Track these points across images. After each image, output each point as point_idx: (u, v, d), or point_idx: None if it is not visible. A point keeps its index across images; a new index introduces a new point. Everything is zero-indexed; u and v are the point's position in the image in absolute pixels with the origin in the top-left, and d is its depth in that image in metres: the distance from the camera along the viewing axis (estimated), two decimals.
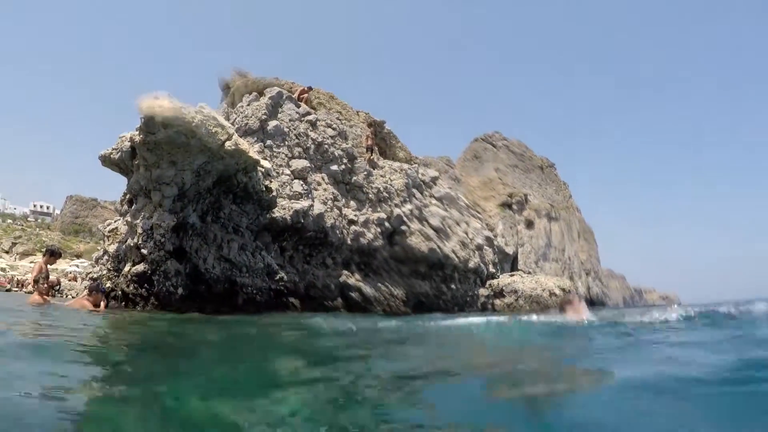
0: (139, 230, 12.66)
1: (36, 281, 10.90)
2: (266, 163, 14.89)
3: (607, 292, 58.82)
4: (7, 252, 64.24)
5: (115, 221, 14.75)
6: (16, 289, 41.91)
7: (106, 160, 13.65)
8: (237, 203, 14.24)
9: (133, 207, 13.46)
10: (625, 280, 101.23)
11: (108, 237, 14.45)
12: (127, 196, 14.14)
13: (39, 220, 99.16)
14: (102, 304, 11.13)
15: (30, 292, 11.92)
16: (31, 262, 54.58)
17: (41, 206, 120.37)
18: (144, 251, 12.54)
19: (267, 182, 14.77)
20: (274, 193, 14.97)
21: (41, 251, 59.36)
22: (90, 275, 14.36)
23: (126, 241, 13.23)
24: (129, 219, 13.36)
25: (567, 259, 42.68)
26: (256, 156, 13.79)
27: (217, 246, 13.77)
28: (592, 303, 48.19)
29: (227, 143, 12.32)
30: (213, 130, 12.03)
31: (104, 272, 13.25)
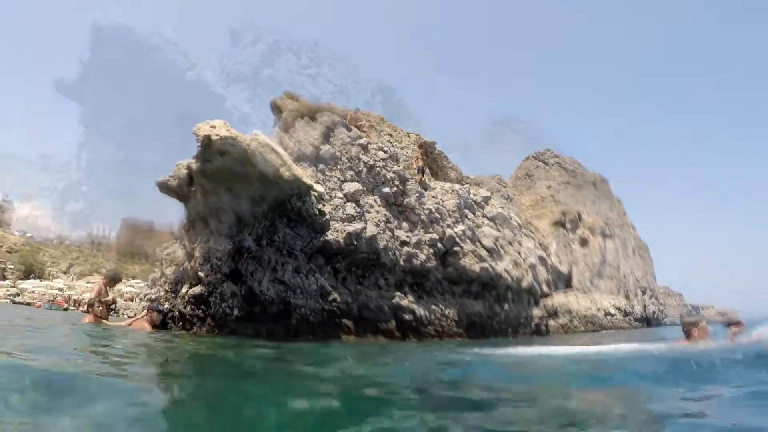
0: (197, 254, 12.90)
1: (91, 305, 11.20)
2: (319, 188, 14.99)
3: (663, 310, 57.19)
4: (65, 272, 66.39)
5: (172, 245, 15.07)
6: (73, 308, 43.38)
7: (164, 188, 13.95)
8: (291, 227, 14.35)
9: (190, 232, 13.73)
10: (682, 298, 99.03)
11: (166, 260, 14.78)
12: (185, 222, 14.45)
13: (95, 242, 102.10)
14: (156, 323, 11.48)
15: (86, 311, 12.29)
16: (88, 282, 56.28)
17: (98, 227, 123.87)
18: (201, 274, 12.76)
19: (320, 206, 14.86)
20: (327, 217, 15.04)
21: (98, 272, 61.36)
22: (148, 296, 14.69)
23: (183, 264, 13.50)
24: (186, 243, 13.64)
25: (622, 276, 41.64)
26: (309, 181, 13.91)
27: (272, 269, 13.88)
28: (648, 322, 46.78)
29: (282, 170, 12.45)
30: (268, 158, 12.18)
31: (161, 294, 13.54)
